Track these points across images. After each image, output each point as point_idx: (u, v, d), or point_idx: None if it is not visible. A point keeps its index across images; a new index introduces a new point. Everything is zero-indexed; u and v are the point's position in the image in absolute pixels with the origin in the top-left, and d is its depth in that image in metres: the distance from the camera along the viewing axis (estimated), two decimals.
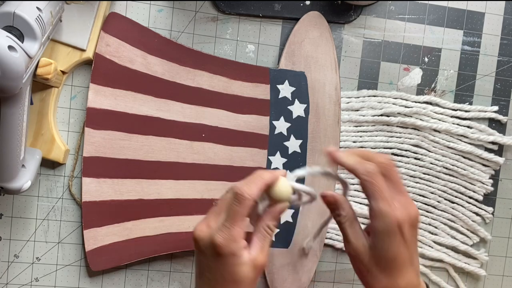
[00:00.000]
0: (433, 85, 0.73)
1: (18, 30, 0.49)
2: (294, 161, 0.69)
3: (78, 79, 0.66)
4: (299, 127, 0.69)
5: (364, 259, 0.48)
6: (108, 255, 0.66)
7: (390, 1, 0.71)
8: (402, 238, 0.46)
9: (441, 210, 0.73)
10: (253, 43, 0.70)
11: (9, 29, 0.48)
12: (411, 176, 0.72)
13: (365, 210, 0.71)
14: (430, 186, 0.73)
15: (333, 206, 0.51)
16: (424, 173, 0.73)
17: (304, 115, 0.70)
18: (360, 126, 0.72)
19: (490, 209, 0.75)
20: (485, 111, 0.73)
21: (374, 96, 0.72)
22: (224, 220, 0.45)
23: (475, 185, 0.74)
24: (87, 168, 0.65)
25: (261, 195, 0.47)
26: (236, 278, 0.45)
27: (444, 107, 0.73)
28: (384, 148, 0.72)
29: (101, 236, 0.65)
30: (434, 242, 0.74)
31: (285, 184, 0.48)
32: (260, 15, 0.69)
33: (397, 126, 0.72)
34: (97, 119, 0.64)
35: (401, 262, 0.47)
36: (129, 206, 0.66)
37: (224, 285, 0.46)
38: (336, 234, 0.72)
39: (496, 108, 0.74)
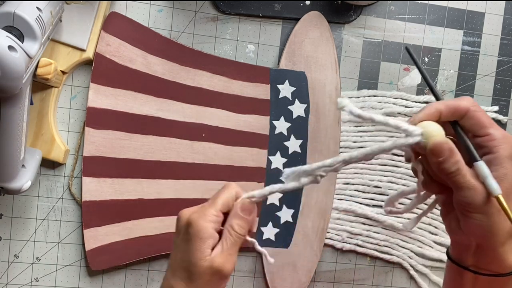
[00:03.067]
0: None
1: (18, 30, 0.49)
2: (294, 161, 0.69)
3: (78, 79, 0.66)
4: (299, 127, 0.69)
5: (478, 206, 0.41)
6: (108, 254, 0.66)
7: (390, 1, 0.71)
8: None
9: None
10: (253, 43, 0.70)
11: (9, 29, 0.48)
12: (411, 176, 0.72)
13: (365, 210, 0.71)
14: None
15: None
16: None
17: (304, 115, 0.69)
18: (360, 126, 0.72)
19: None
20: (485, 111, 0.73)
21: (374, 96, 0.72)
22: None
23: None
24: (87, 168, 0.65)
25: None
26: (191, 268, 0.44)
27: None
28: None
29: (101, 236, 0.65)
30: (434, 242, 0.74)
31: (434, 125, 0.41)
32: (260, 15, 0.69)
33: None
34: (98, 118, 0.64)
35: None
36: (129, 205, 0.66)
37: (180, 270, 0.45)
38: (336, 234, 0.72)
39: (496, 108, 0.74)
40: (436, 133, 0.41)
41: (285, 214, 0.70)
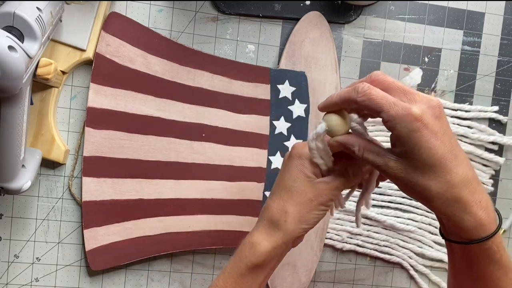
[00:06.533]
0: (433, 85, 0.73)
1: (18, 30, 0.49)
2: None
3: (78, 79, 0.66)
4: (300, 127, 0.69)
5: (402, 173, 0.43)
6: (108, 254, 0.66)
7: (390, 1, 0.71)
8: (429, 131, 0.41)
9: None
10: (253, 43, 0.70)
11: (9, 29, 0.48)
12: None
13: (365, 210, 0.71)
14: None
15: (347, 150, 0.47)
16: None
17: (304, 115, 0.69)
18: None
19: None
20: (485, 111, 0.73)
21: None
22: None
23: None
24: (87, 168, 0.65)
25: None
26: (289, 183, 0.47)
27: (444, 107, 0.73)
28: None
29: (101, 236, 0.65)
30: (434, 242, 0.74)
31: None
32: (260, 15, 0.69)
33: None
34: (98, 118, 0.64)
35: (440, 157, 0.41)
36: (129, 205, 0.66)
37: (281, 186, 0.48)
38: (336, 234, 0.72)
39: (496, 108, 0.74)
40: (336, 128, 0.47)
41: None
